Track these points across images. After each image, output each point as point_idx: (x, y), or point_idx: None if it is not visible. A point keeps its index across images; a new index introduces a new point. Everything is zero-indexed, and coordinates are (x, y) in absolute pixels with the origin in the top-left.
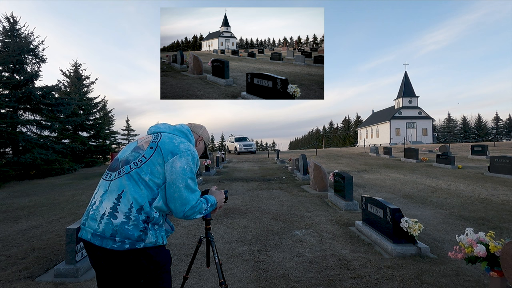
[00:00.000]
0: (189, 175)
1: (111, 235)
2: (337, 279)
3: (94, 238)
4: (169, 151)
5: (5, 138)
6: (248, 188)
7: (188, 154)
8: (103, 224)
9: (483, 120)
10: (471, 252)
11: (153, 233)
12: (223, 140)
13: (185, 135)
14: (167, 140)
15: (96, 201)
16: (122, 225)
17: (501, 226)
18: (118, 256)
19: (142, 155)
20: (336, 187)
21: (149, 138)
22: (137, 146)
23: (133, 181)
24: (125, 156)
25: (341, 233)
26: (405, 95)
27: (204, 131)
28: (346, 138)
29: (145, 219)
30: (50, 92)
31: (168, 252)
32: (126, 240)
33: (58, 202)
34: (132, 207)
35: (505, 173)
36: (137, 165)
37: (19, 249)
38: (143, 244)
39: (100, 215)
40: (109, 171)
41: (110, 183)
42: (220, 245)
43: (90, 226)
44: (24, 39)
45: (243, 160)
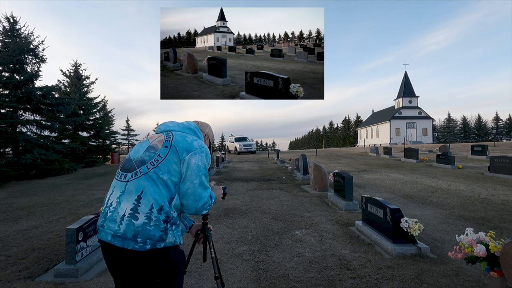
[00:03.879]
0: (203, 172)
1: (133, 236)
2: (337, 279)
3: (115, 239)
4: (184, 148)
5: (5, 138)
6: (248, 188)
7: (202, 151)
8: (124, 225)
9: (483, 120)
10: (471, 252)
11: (172, 233)
12: (223, 140)
13: (194, 132)
14: (180, 139)
15: (113, 202)
16: (144, 226)
17: (501, 226)
18: (139, 257)
19: (158, 155)
20: (336, 187)
21: (161, 137)
22: (150, 146)
23: (151, 181)
24: (139, 156)
25: (341, 233)
26: (405, 95)
27: (210, 129)
28: (346, 138)
29: (165, 219)
30: (50, 92)
31: (182, 252)
32: (148, 241)
33: (58, 202)
34: (153, 207)
35: (505, 173)
36: (154, 164)
37: (19, 249)
38: (163, 244)
39: (120, 216)
40: (123, 172)
41: (127, 184)
42: (220, 245)
43: (110, 228)
44: (24, 39)
45: (243, 160)
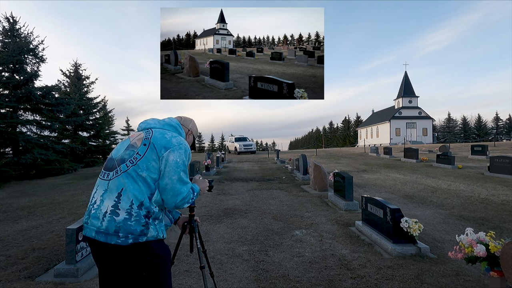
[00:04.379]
0: (182, 168)
1: (115, 231)
2: (337, 279)
3: (98, 235)
4: (162, 145)
5: (5, 138)
6: (248, 188)
7: (181, 148)
8: (106, 221)
9: (483, 120)
10: (471, 252)
11: (154, 227)
12: (223, 140)
13: (175, 129)
14: (159, 136)
15: (97, 200)
16: (125, 221)
17: (501, 226)
18: (122, 251)
19: (137, 153)
20: (336, 187)
21: (140, 135)
22: (130, 144)
23: (131, 178)
24: (120, 154)
25: (341, 233)
26: (405, 95)
27: (193, 125)
28: (346, 138)
29: (146, 214)
30: (50, 92)
31: (167, 246)
32: (130, 235)
33: (58, 202)
34: (133, 203)
35: (505, 173)
36: (133, 162)
37: (19, 249)
38: (145, 238)
39: (103, 213)
40: (105, 171)
41: (109, 182)
42: (220, 245)
43: (93, 224)
44: (24, 39)
45: (243, 160)
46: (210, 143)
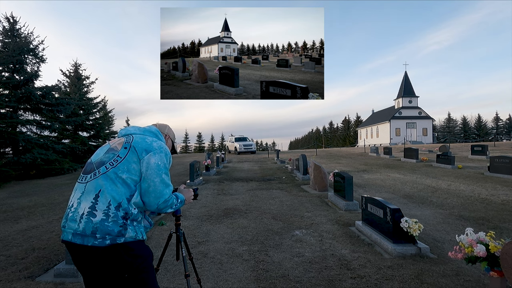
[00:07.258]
0: (163, 170)
1: (92, 233)
2: (337, 279)
3: (75, 237)
4: (143, 149)
5: (5, 138)
6: (248, 188)
7: (162, 151)
8: (83, 223)
9: (483, 120)
10: (471, 252)
11: (132, 228)
12: (223, 140)
13: (155, 135)
14: (140, 140)
15: (74, 203)
16: (102, 222)
17: (501, 226)
18: (100, 253)
19: (117, 155)
20: (336, 187)
21: (121, 140)
22: (110, 148)
23: (109, 180)
24: (99, 158)
25: (341, 233)
26: (405, 95)
27: (169, 129)
28: (346, 138)
29: (123, 215)
30: (50, 92)
31: (147, 246)
32: (107, 236)
33: (58, 202)
34: (111, 204)
35: (505, 173)
36: (113, 164)
37: (19, 249)
38: (123, 239)
39: (80, 215)
40: (84, 174)
41: (86, 185)
42: (220, 245)
43: (70, 227)
44: (24, 39)
45: (243, 160)
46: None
